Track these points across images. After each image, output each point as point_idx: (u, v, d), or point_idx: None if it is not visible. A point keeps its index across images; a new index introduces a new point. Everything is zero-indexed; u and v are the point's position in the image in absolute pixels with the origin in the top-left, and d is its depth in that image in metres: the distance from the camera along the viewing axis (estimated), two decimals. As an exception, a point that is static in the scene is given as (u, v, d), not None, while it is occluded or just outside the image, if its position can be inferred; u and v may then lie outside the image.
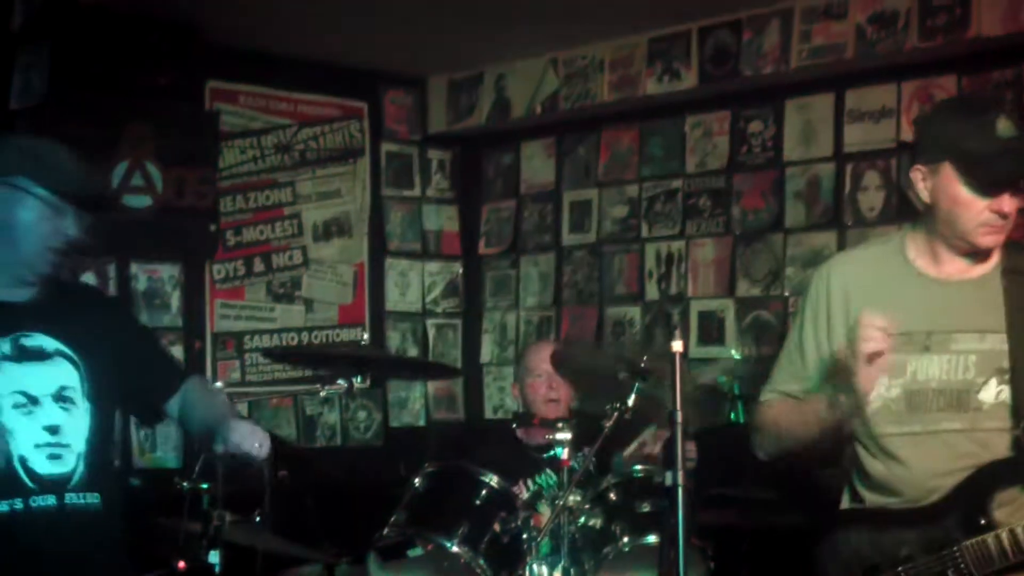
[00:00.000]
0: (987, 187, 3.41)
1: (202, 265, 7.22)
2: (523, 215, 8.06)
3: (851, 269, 3.70)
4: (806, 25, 6.52)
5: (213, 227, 7.22)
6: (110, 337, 3.82)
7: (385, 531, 4.93)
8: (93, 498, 3.66)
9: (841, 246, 6.58)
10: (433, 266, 8.19)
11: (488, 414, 8.12)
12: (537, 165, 8.00)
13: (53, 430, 3.62)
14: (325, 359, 5.74)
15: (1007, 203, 3.44)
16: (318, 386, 5.31)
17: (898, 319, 3.54)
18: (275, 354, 7.35)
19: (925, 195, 3.54)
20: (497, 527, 4.81)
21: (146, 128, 6.86)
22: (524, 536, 4.75)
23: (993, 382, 3.51)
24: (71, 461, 3.64)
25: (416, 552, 4.88)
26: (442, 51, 7.53)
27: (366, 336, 7.66)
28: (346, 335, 7.70)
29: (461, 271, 8.29)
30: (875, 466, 3.63)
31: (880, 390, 3.57)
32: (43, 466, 3.59)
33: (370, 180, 7.90)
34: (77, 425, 3.67)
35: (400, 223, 8.03)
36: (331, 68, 7.65)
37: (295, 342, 7.46)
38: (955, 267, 3.57)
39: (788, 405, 3.74)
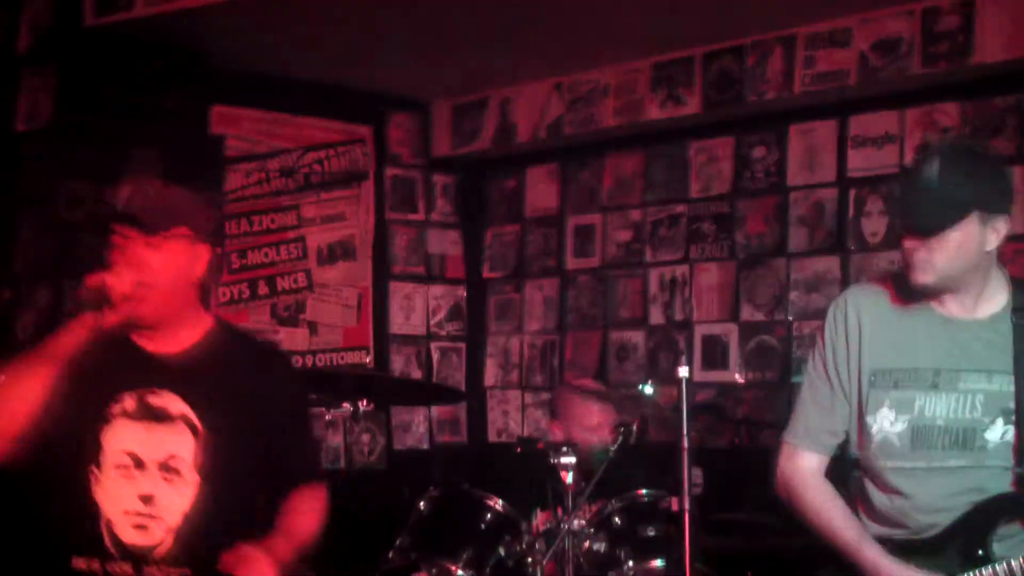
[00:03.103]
0: (898, 226, 3.48)
1: (208, 288, 7.20)
2: (527, 239, 8.07)
3: (865, 302, 3.71)
4: (809, 51, 6.54)
5: (218, 250, 7.20)
6: (250, 410, 3.62)
7: (390, 555, 4.93)
8: (178, 573, 3.52)
9: (844, 271, 6.61)
10: (437, 290, 8.19)
11: (492, 437, 8.12)
12: (541, 189, 8.02)
13: (146, 499, 3.51)
14: (329, 382, 5.75)
15: (907, 241, 3.50)
16: (323, 409, 5.33)
17: (908, 354, 3.57)
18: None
19: None
20: (502, 551, 4.82)
21: (151, 152, 6.86)
22: (529, 560, 4.75)
23: (999, 422, 3.52)
24: (158, 534, 3.52)
25: (421, 576, 4.89)
26: (447, 75, 7.55)
27: (370, 359, 7.69)
28: (350, 358, 7.70)
29: (465, 295, 8.29)
30: (878, 498, 3.63)
31: (884, 424, 3.58)
32: (127, 534, 3.51)
33: (374, 204, 7.91)
34: (174, 498, 3.53)
35: (404, 247, 8.03)
36: (336, 92, 7.67)
37: (299, 365, 7.45)
38: (959, 306, 3.59)
39: (839, 515, 3.68)
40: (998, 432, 3.51)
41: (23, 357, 3.48)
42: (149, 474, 3.52)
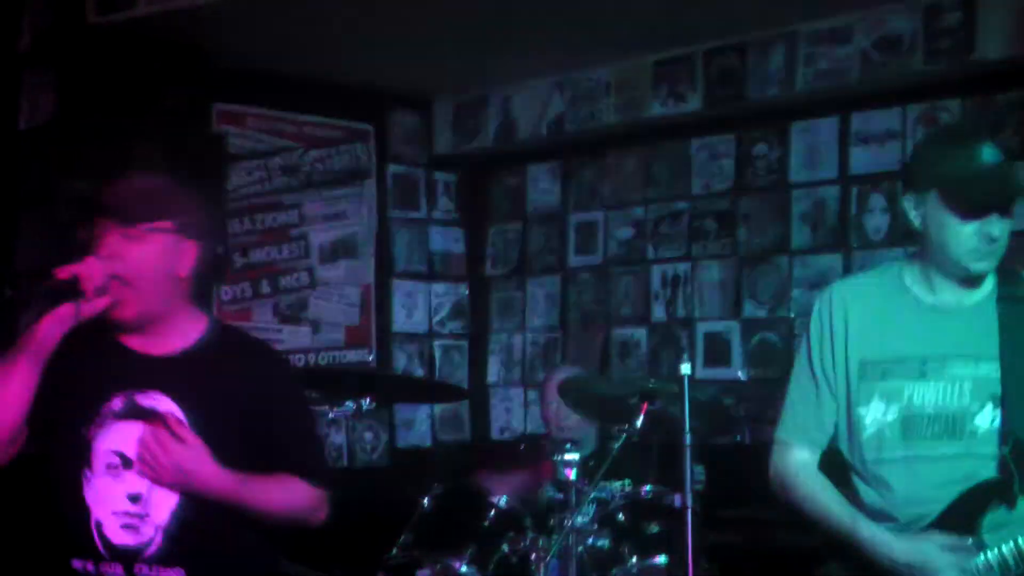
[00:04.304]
0: (973, 211, 3.44)
1: (209, 287, 7.21)
2: (529, 237, 8.07)
3: (850, 295, 3.71)
4: (811, 49, 6.55)
5: (218, 248, 7.19)
6: (242, 411, 3.45)
7: (393, 552, 4.94)
8: (171, 573, 3.39)
9: (847, 268, 6.60)
10: (439, 287, 8.19)
11: (494, 435, 8.12)
12: (543, 187, 8.02)
13: (134, 498, 3.40)
14: (332, 380, 5.75)
15: (994, 226, 3.47)
16: (325, 407, 5.32)
17: (895, 345, 3.57)
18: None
19: (916, 222, 3.56)
20: (505, 547, 4.82)
21: (154, 150, 6.86)
22: (532, 557, 4.75)
23: (988, 408, 3.52)
24: (147, 532, 3.40)
25: (425, 573, 4.89)
26: (448, 73, 7.55)
27: (372, 358, 7.69)
28: (353, 356, 7.70)
29: (467, 293, 8.29)
30: (868, 493, 3.62)
31: (877, 415, 3.59)
32: (116, 535, 3.41)
33: (376, 202, 7.91)
34: (163, 496, 3.40)
35: (406, 245, 8.04)
36: (338, 90, 7.66)
37: (302, 364, 7.44)
38: (950, 294, 3.59)
39: (831, 501, 3.64)
40: (987, 418, 3.51)
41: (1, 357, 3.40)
42: (137, 473, 3.39)
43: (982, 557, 3.45)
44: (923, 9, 6.19)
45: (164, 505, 3.40)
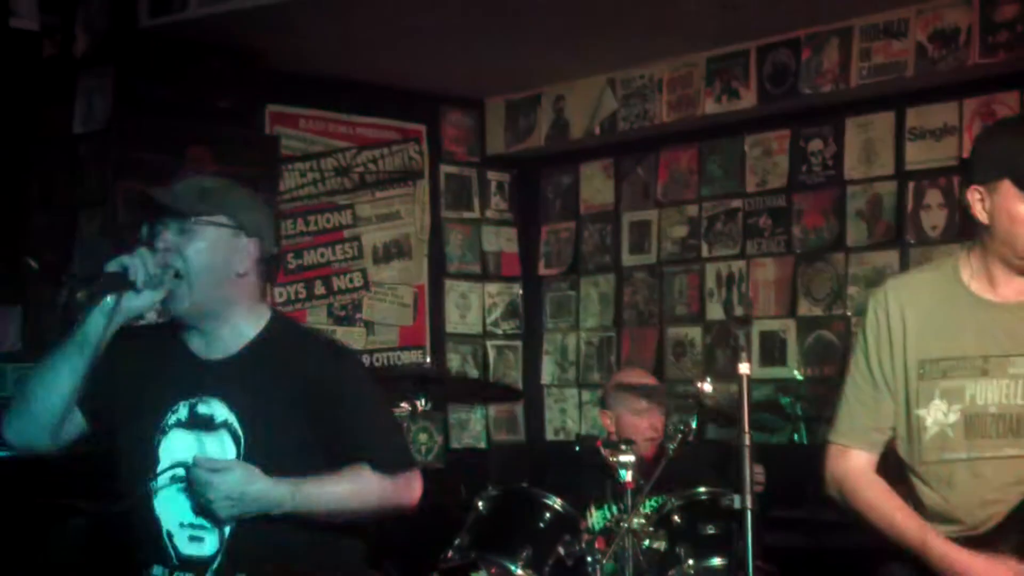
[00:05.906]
0: None
1: (263, 289, 7.20)
2: (582, 236, 8.05)
3: (906, 293, 3.63)
4: (866, 43, 6.50)
5: (273, 250, 7.21)
6: (302, 410, 3.42)
7: (449, 554, 4.92)
8: None
9: (904, 265, 6.54)
10: (493, 287, 8.19)
11: (549, 435, 8.10)
12: (596, 186, 8.00)
13: (198, 510, 3.37)
14: (387, 381, 5.75)
15: None
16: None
17: (954, 343, 3.51)
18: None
19: (983, 216, 3.48)
20: (561, 550, 4.80)
21: (207, 152, 6.88)
22: (588, 559, 4.73)
23: None
24: (213, 544, 3.40)
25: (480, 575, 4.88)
26: (500, 72, 7.54)
27: (428, 358, 7.69)
28: (407, 357, 7.71)
29: (521, 292, 8.28)
30: (930, 496, 3.56)
31: (938, 416, 3.52)
32: (184, 546, 3.42)
33: (429, 202, 7.92)
34: None
35: (460, 245, 8.04)
36: (390, 91, 7.68)
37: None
38: (1011, 289, 3.52)
39: (898, 510, 3.59)
40: None
41: (53, 347, 3.46)
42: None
43: None
44: (980, 2, 6.13)
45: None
